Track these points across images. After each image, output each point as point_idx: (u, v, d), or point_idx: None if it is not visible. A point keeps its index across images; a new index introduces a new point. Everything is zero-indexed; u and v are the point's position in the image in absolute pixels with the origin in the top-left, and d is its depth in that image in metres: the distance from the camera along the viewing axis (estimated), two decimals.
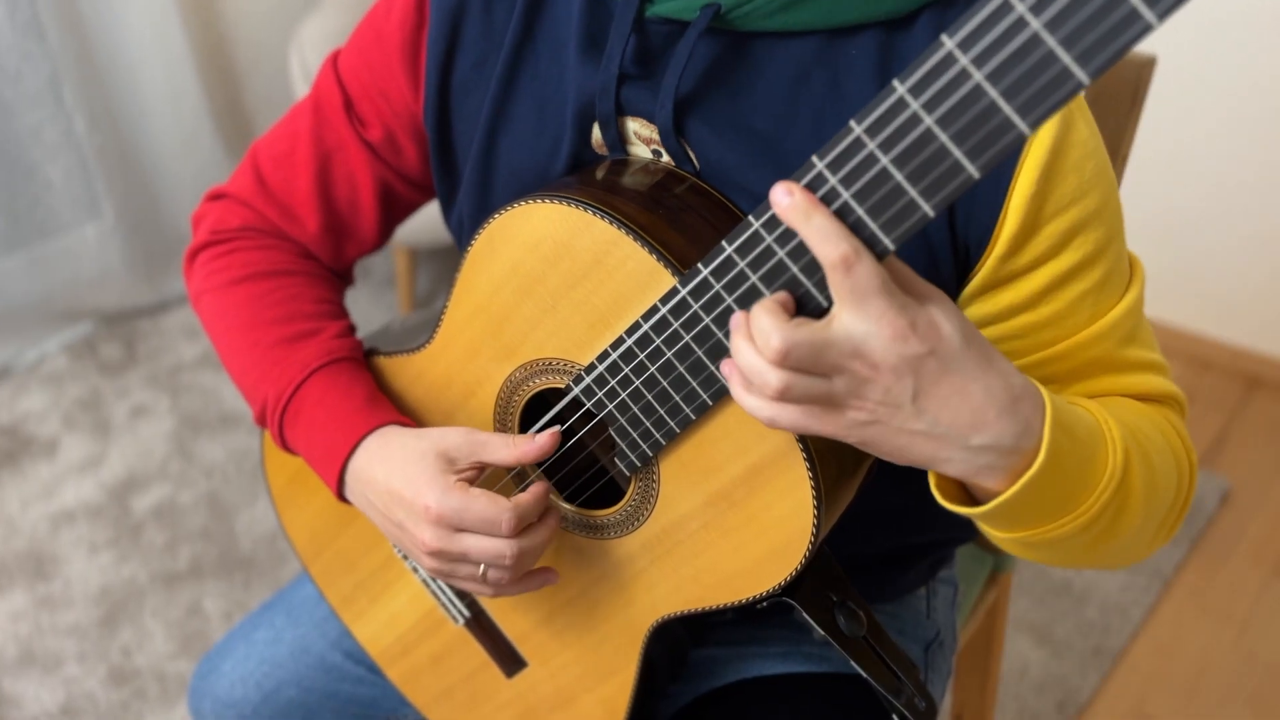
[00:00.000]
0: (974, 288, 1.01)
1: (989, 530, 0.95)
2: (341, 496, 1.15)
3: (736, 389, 0.86)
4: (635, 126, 1.06)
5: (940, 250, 0.99)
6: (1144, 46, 1.22)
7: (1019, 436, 0.85)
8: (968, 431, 0.84)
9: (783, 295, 0.84)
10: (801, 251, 0.82)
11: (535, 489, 1.05)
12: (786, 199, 0.79)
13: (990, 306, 1.01)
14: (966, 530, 1.31)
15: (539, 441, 1.04)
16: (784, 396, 0.82)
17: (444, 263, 3.53)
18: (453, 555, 1.05)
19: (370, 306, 3.39)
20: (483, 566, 1.05)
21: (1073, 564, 1.01)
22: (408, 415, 1.19)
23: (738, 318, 0.84)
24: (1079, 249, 0.98)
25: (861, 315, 0.79)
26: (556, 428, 1.05)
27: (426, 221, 2.77)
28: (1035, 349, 1.02)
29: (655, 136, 1.05)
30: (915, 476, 1.17)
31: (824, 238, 0.78)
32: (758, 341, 0.82)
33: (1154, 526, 1.00)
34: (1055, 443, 0.85)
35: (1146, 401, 1.05)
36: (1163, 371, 1.07)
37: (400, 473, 1.07)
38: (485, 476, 1.12)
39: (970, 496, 0.94)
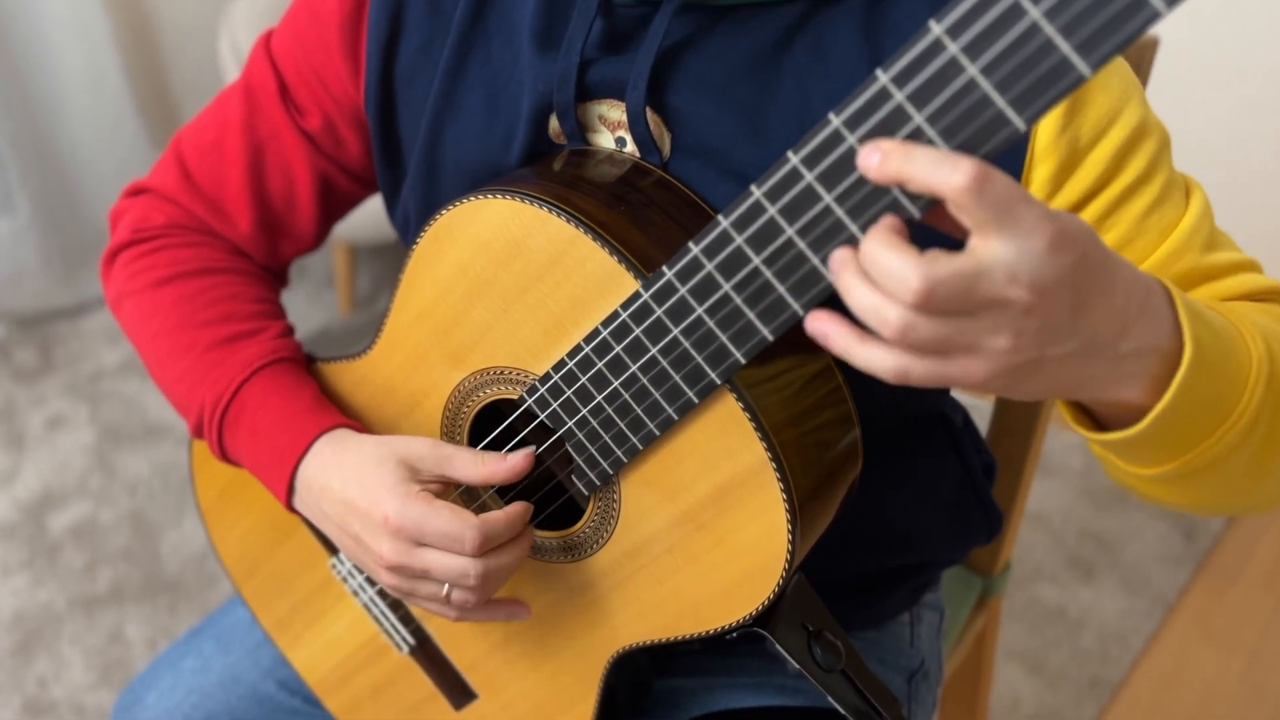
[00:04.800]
0: None
1: (1133, 469, 0.92)
2: (291, 506, 1.14)
3: (848, 342, 0.78)
4: (601, 110, 1.06)
5: None
6: None
7: (1159, 333, 0.81)
8: (1116, 338, 0.79)
9: (896, 221, 0.76)
10: (775, 256, 0.81)
11: (510, 509, 1.04)
12: (876, 156, 0.73)
13: None
14: (952, 552, 1.32)
15: (510, 461, 1.03)
16: (924, 348, 0.75)
17: (387, 260, 3.52)
18: (413, 572, 1.04)
19: (307, 307, 3.38)
20: (446, 586, 1.04)
21: (1231, 498, 0.95)
22: None
23: (841, 255, 0.77)
24: (1135, 165, 0.98)
25: (1012, 232, 0.72)
26: (531, 448, 1.05)
27: (368, 216, 2.76)
28: None
29: (623, 119, 1.05)
30: (900, 494, 1.18)
31: (939, 164, 0.71)
32: (886, 284, 0.73)
33: None
34: (1196, 333, 0.82)
35: (1254, 301, 1.02)
36: (1256, 268, 1.04)
37: (357, 481, 1.06)
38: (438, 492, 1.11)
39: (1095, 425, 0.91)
